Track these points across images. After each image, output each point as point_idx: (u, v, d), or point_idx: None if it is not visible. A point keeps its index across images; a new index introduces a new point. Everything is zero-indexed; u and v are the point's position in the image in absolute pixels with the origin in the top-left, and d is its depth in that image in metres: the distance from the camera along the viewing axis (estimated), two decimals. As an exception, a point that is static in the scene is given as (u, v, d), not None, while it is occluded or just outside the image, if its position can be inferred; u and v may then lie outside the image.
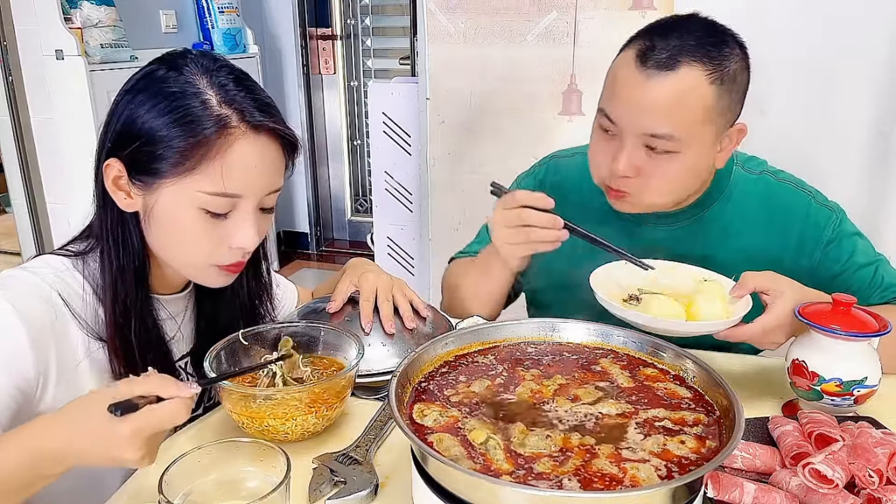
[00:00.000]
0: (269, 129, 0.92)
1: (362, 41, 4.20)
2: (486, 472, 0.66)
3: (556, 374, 0.84)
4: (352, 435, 0.94)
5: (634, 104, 1.06)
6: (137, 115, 0.89)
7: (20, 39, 2.77)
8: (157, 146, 0.88)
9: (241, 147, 0.89)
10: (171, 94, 0.89)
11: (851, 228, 1.20)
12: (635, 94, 1.05)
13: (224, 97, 0.90)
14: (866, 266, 1.17)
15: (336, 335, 1.02)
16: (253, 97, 0.92)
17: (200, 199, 0.89)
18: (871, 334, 0.93)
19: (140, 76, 0.93)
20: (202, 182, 0.89)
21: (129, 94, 0.91)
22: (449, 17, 2.39)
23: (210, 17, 3.48)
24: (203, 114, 0.88)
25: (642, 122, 1.06)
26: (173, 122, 0.88)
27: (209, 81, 0.90)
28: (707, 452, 0.70)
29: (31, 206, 2.94)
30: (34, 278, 0.91)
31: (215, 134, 0.88)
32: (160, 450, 0.93)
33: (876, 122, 1.97)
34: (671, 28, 1.07)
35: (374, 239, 3.13)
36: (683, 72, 1.03)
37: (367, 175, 4.34)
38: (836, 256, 1.18)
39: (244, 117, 0.90)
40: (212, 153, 0.88)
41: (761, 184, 1.22)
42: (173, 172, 0.89)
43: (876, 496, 0.77)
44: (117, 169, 0.91)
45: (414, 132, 2.82)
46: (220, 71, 0.92)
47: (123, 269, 0.95)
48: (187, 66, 0.91)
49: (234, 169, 0.89)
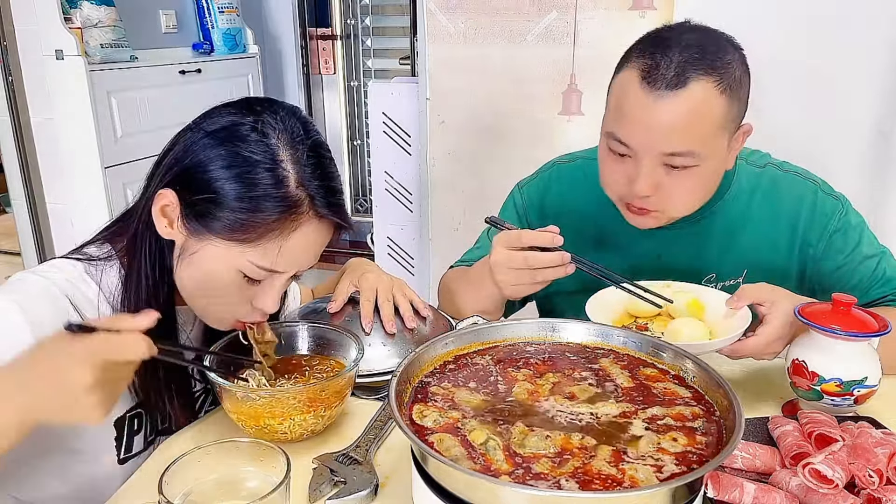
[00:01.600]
0: (332, 219, 0.91)
1: (362, 41, 4.20)
2: (486, 473, 0.66)
3: (548, 373, 0.84)
4: (352, 435, 0.94)
5: (648, 127, 1.03)
6: (210, 166, 0.86)
7: (20, 39, 2.77)
8: (221, 208, 0.86)
9: (303, 233, 0.89)
10: (249, 160, 0.86)
11: (856, 219, 1.20)
12: (648, 118, 1.03)
13: (301, 178, 0.87)
14: (870, 258, 1.18)
15: (336, 335, 1.02)
16: (328, 183, 0.90)
17: (245, 266, 0.88)
18: (871, 334, 0.93)
19: (223, 125, 0.89)
20: (254, 254, 0.88)
21: (208, 139, 0.88)
22: (449, 17, 2.39)
23: (210, 17, 3.48)
24: (276, 193, 0.86)
25: (659, 143, 1.03)
26: (244, 194, 0.85)
27: (291, 155, 0.88)
28: (706, 450, 0.70)
29: (31, 206, 2.93)
30: (44, 282, 0.89)
31: (282, 216, 0.86)
32: (159, 450, 0.94)
33: (876, 122, 1.98)
34: (669, 41, 1.04)
35: (374, 239, 3.13)
36: (693, 87, 1.01)
37: (367, 175, 4.33)
38: (841, 246, 1.18)
39: (314, 204, 0.88)
40: (274, 233, 0.87)
41: (766, 176, 1.22)
42: (227, 236, 0.87)
43: (876, 496, 0.77)
44: (170, 200, 0.89)
45: (414, 132, 2.82)
46: (304, 144, 0.89)
47: (158, 293, 0.93)
48: (274, 129, 0.88)
49: (290, 251, 0.88)
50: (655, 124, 1.02)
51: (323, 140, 0.93)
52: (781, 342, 0.99)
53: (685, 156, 1.04)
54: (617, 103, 1.08)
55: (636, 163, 1.06)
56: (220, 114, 0.91)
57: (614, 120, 1.08)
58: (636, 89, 1.03)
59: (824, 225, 1.18)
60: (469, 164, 2.52)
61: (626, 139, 1.06)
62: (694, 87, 1.01)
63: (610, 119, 1.10)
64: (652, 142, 1.04)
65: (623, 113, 1.06)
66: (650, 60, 1.03)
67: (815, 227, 1.19)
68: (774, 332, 0.98)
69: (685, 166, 1.05)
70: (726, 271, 1.21)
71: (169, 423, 1.03)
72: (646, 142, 1.04)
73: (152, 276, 0.93)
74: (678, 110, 1.01)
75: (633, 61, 1.06)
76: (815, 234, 1.19)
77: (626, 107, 1.05)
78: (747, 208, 1.20)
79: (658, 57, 1.02)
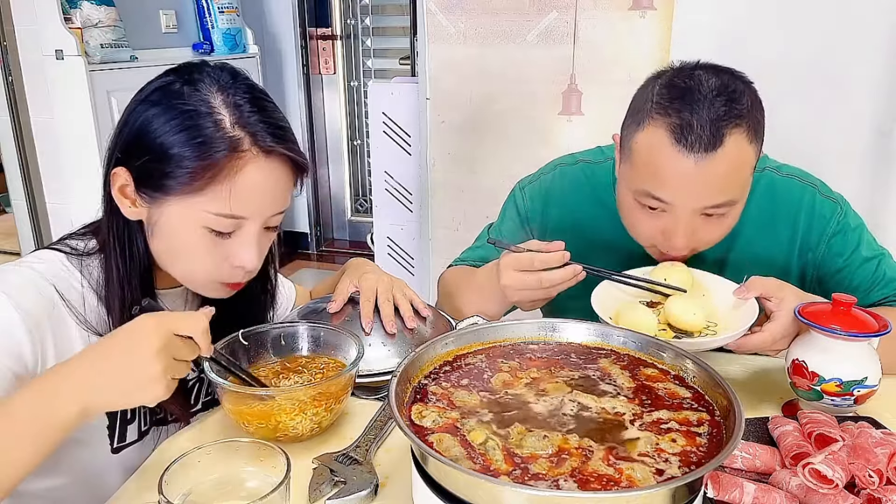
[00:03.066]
0: (280, 153, 0.91)
1: (362, 41, 4.20)
2: (486, 473, 0.66)
3: (531, 369, 0.85)
4: (352, 435, 0.94)
5: (690, 188, 1.02)
6: (149, 128, 0.89)
7: (20, 39, 2.77)
8: (167, 164, 0.88)
9: (251, 171, 0.89)
10: (185, 111, 0.88)
11: (855, 221, 1.20)
12: (689, 179, 1.01)
13: (238, 118, 0.89)
14: (870, 260, 1.18)
15: (336, 335, 1.02)
16: (267, 119, 0.91)
17: (206, 219, 0.89)
18: (871, 334, 0.93)
19: (155, 87, 0.92)
20: (209, 203, 0.88)
21: (143, 105, 0.91)
22: (449, 17, 2.39)
23: (210, 17, 3.48)
24: (215, 135, 0.87)
25: (701, 201, 1.03)
26: (185, 142, 0.87)
27: (224, 100, 0.89)
28: (705, 450, 0.70)
29: (31, 206, 2.94)
30: (31, 272, 0.91)
31: (226, 157, 0.87)
32: (159, 450, 0.93)
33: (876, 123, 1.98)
34: (693, 94, 1.01)
35: (374, 239, 3.13)
36: (729, 144, 1.00)
37: (367, 175, 4.34)
38: (840, 249, 1.18)
39: (256, 141, 0.89)
40: (221, 175, 0.88)
41: (765, 180, 1.22)
42: (181, 191, 0.88)
43: (876, 496, 0.77)
44: (124, 178, 0.91)
45: (414, 132, 2.82)
46: (236, 89, 0.91)
47: (130, 276, 0.95)
48: (203, 81, 0.90)
49: (243, 192, 0.89)
50: (697, 185, 1.02)
51: (255, 84, 0.95)
52: (787, 340, 0.99)
53: (724, 206, 1.05)
54: (648, 163, 1.05)
55: (673, 217, 1.06)
56: (151, 83, 0.94)
57: (645, 178, 1.06)
58: (671, 151, 1.01)
59: (823, 228, 1.18)
60: (469, 164, 2.52)
61: (665, 197, 1.04)
62: (729, 143, 1.00)
63: (640, 177, 1.07)
64: (693, 200, 1.03)
65: (658, 174, 1.04)
66: (679, 120, 1.00)
67: (814, 231, 1.19)
68: (781, 330, 0.98)
69: (722, 213, 1.06)
70: (726, 275, 1.21)
71: (164, 413, 1.03)
72: (687, 200, 1.03)
73: (125, 261, 0.94)
74: (719, 170, 1.00)
75: (657, 118, 1.03)
76: (815, 238, 1.19)
77: (661, 168, 1.03)
78: (746, 212, 1.20)
79: (687, 116, 1.00)
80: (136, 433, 1.01)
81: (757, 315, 1.00)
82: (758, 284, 1.02)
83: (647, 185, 1.05)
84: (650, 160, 1.04)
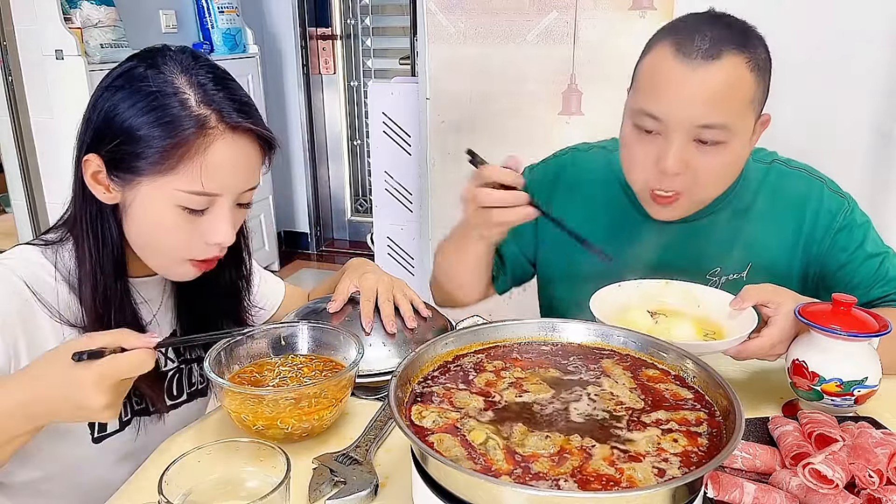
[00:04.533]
0: (247, 128, 0.93)
1: (362, 41, 4.20)
2: (486, 473, 0.66)
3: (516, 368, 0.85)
4: (352, 435, 0.94)
5: (684, 97, 1.04)
6: (116, 112, 0.90)
7: (20, 39, 2.77)
8: (136, 145, 0.89)
9: (220, 147, 0.90)
10: (150, 93, 0.89)
11: (862, 218, 1.20)
12: (684, 87, 1.04)
13: (202, 97, 0.90)
14: (873, 257, 1.18)
15: (336, 335, 1.02)
16: (231, 97, 0.93)
17: (178, 197, 0.91)
18: (871, 334, 0.93)
19: (119, 73, 0.93)
20: (180, 181, 0.90)
21: (109, 91, 0.92)
22: (449, 17, 2.39)
23: (210, 17, 3.48)
24: (182, 114, 0.89)
25: (694, 113, 1.04)
26: (152, 123, 0.89)
27: (188, 80, 0.91)
28: (706, 450, 0.70)
29: (31, 206, 2.94)
30: (0, 268, 0.92)
31: (194, 134, 0.89)
32: (159, 450, 0.93)
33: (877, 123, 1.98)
34: (699, 22, 1.07)
35: (374, 239, 3.13)
36: (727, 60, 1.03)
37: (367, 175, 4.34)
38: (845, 244, 1.18)
39: (223, 117, 0.91)
40: (190, 153, 0.89)
41: (773, 173, 1.23)
42: (152, 171, 0.90)
43: (876, 496, 0.77)
44: (96, 164, 0.92)
45: (414, 132, 2.82)
46: (199, 69, 0.92)
47: (103, 262, 0.95)
48: (166, 64, 0.92)
49: (213, 169, 0.90)
50: (691, 93, 1.04)
51: (217, 64, 0.96)
52: (785, 344, 1.00)
53: (717, 129, 1.05)
54: (648, 79, 1.08)
55: (666, 139, 1.07)
56: (114, 70, 0.95)
57: (645, 95, 1.09)
58: (670, 62, 1.04)
59: (829, 222, 1.18)
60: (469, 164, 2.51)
61: (660, 112, 1.06)
62: (727, 59, 1.03)
63: (639, 96, 1.10)
64: (686, 111, 1.04)
65: (656, 86, 1.07)
66: (683, 36, 1.05)
67: (820, 224, 1.19)
68: (779, 334, 0.98)
69: (716, 141, 1.06)
70: (731, 266, 1.22)
71: (145, 403, 1.04)
72: (680, 112, 1.05)
73: (98, 247, 0.95)
74: (713, 80, 1.03)
75: (663, 40, 1.07)
76: (820, 231, 1.19)
77: (659, 80, 1.06)
78: (753, 203, 1.21)
79: (690, 33, 1.05)
80: (116, 423, 1.02)
81: (756, 323, 1.00)
82: (752, 294, 1.02)
83: (645, 101, 1.08)
84: (651, 76, 1.08)
